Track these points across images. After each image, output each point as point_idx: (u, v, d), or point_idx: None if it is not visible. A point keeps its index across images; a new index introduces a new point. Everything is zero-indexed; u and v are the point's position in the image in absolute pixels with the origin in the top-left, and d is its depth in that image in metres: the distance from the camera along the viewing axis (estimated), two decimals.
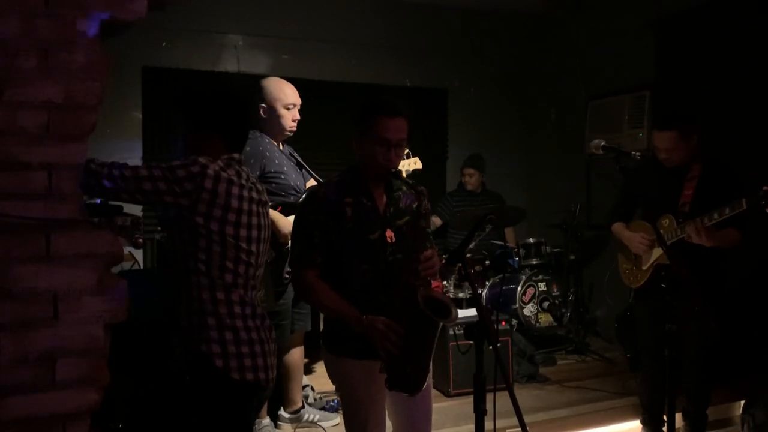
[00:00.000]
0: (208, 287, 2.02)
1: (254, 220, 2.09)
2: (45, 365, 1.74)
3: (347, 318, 2.25)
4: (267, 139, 3.33)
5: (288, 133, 3.39)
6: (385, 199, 2.39)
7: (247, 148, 2.98)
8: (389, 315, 2.20)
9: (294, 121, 3.38)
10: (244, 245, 2.05)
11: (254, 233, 2.09)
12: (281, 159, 3.34)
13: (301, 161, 3.50)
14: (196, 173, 1.97)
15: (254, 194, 2.11)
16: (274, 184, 3.23)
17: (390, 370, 2.20)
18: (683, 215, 3.18)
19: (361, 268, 2.30)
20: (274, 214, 3.08)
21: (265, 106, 3.32)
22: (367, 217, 2.33)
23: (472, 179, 5.49)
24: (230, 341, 2.03)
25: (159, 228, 4.27)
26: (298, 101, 3.40)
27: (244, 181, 2.08)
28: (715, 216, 3.01)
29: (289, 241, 3.03)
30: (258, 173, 3.15)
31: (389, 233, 2.32)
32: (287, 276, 3.22)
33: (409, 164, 3.69)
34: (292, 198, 3.30)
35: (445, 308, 2.19)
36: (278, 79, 3.43)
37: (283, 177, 3.30)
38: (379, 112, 2.30)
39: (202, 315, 2.03)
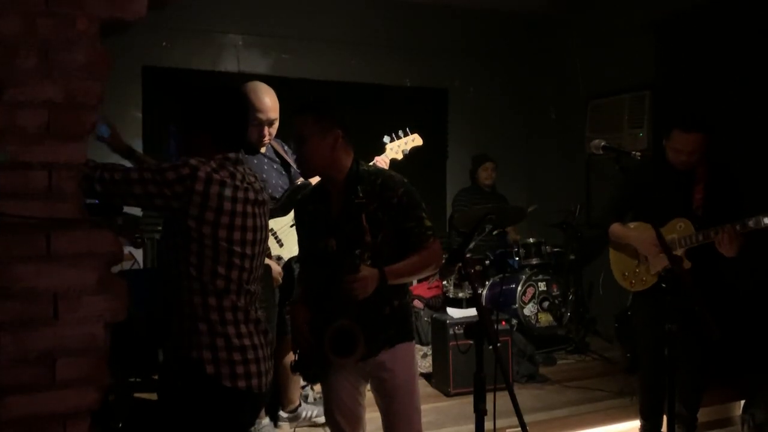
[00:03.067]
0: (200, 292, 1.98)
1: (249, 222, 2.03)
2: (45, 365, 1.74)
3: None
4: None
5: (258, 145, 3.18)
6: (341, 204, 2.37)
7: None
8: (332, 316, 2.31)
9: (263, 136, 3.13)
10: (237, 249, 2.00)
11: (249, 235, 2.03)
12: (259, 167, 3.21)
13: (288, 159, 3.35)
14: (185, 175, 1.92)
15: (250, 195, 2.05)
16: None
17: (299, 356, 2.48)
18: (697, 219, 3.12)
19: (315, 271, 2.47)
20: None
21: None
22: (319, 224, 2.41)
23: (493, 173, 5.60)
24: (221, 348, 1.99)
25: (159, 228, 4.26)
26: (272, 115, 3.11)
27: (238, 182, 2.01)
28: (751, 224, 2.92)
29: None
30: None
31: (331, 242, 2.37)
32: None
33: (407, 142, 3.40)
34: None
35: (353, 344, 2.26)
36: (260, 85, 3.15)
37: None
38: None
39: (193, 320, 1.99)
